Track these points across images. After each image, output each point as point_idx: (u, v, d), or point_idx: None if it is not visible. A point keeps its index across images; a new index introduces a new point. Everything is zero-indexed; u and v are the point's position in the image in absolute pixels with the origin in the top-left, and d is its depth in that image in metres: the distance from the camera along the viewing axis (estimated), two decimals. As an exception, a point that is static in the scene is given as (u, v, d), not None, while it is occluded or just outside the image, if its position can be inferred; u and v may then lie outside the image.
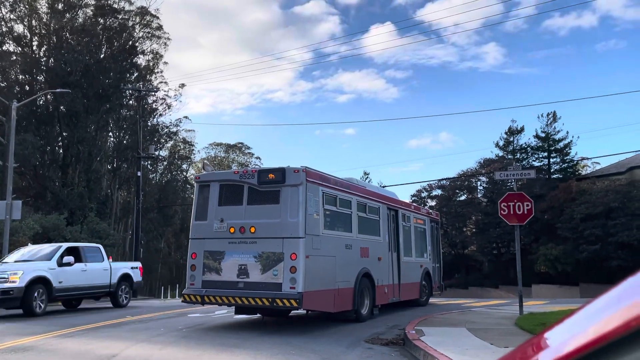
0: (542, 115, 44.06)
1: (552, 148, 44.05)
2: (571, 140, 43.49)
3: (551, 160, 44.56)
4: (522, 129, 45.58)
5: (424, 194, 45.51)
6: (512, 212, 13.16)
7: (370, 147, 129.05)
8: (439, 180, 44.85)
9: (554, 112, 43.80)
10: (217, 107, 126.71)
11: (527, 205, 13.09)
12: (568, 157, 44.27)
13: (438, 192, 43.75)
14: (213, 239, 11.09)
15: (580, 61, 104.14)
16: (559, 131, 43.74)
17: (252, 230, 10.71)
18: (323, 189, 11.28)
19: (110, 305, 17.08)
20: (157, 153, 45.11)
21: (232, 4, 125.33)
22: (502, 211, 13.27)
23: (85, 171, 34.43)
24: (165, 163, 59.57)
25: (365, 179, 56.78)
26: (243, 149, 73.61)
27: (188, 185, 68.34)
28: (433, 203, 43.48)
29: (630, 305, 0.70)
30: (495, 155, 45.37)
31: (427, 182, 45.81)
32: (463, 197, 42.59)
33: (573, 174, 43.94)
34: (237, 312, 12.57)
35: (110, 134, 43.30)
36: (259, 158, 74.75)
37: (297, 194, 10.49)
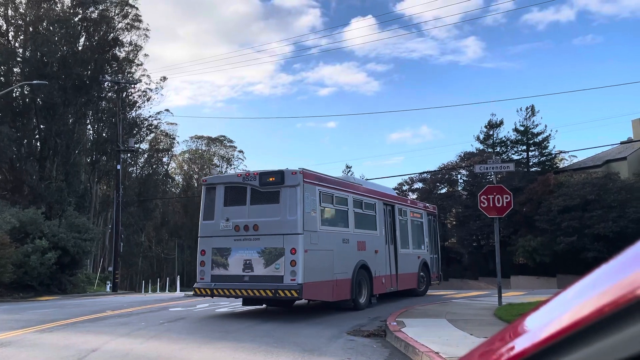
0: (521, 109, 44.73)
1: (531, 141, 44.69)
2: (549, 134, 44.23)
3: (530, 153, 45.22)
4: (501, 123, 46.18)
5: (406, 187, 45.83)
6: (491, 205, 13.32)
7: (351, 140, 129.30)
8: (420, 173, 45.23)
9: (533, 106, 44.48)
10: (198, 99, 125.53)
11: (507, 198, 13.26)
12: (546, 150, 44.98)
13: (419, 185, 44.10)
14: (220, 236, 12.05)
15: (558, 55, 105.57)
16: (537, 125, 44.44)
17: (255, 228, 11.62)
18: (320, 189, 12.13)
19: (93, 299, 16.89)
20: (137, 146, 44.55)
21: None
22: (481, 204, 13.43)
23: (63, 164, 33.86)
24: (145, 156, 58.88)
25: (348, 172, 57.03)
26: (225, 142, 73.10)
27: (169, 179, 67.74)
28: (414, 196, 43.81)
29: (603, 291, 0.72)
30: (476, 149, 45.88)
31: (409, 175, 46.18)
32: (444, 190, 43.04)
33: (551, 167, 44.67)
34: (244, 303, 13.33)
35: (89, 126, 42.63)
36: (242, 151, 74.45)
37: (295, 194, 11.38)
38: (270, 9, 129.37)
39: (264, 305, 13.86)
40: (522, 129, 44.66)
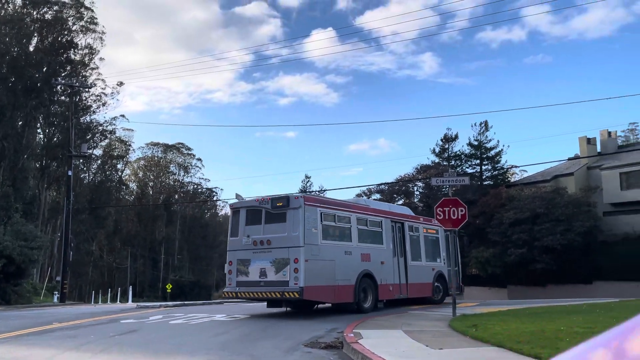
0: (475, 124, 46.05)
1: (484, 156, 46.04)
2: (502, 149, 45.66)
3: (483, 167, 46.57)
4: (456, 137, 47.41)
5: (364, 198, 46.33)
6: (447, 217, 13.65)
7: (311, 150, 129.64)
8: (378, 185, 45.77)
9: (486, 121, 45.88)
10: (154, 105, 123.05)
11: (461, 211, 13.63)
12: (499, 164, 46.43)
13: (377, 196, 44.58)
14: (243, 250, 14.80)
15: (510, 73, 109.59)
16: (490, 140, 45.84)
17: (268, 242, 14.31)
18: (321, 210, 14.62)
19: (39, 310, 16.14)
20: (90, 152, 43.17)
21: (170, 0, 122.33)
22: (438, 216, 13.73)
23: (10, 169, 32.39)
24: (99, 162, 57.12)
25: (307, 182, 57.38)
26: (183, 149, 71.84)
27: (123, 186, 65.86)
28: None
29: None
30: (432, 162, 46.87)
31: (367, 187, 46.66)
32: (401, 202, 43.67)
33: (503, 181, 46.10)
34: (268, 305, 15.97)
35: (40, 130, 41.02)
36: (200, 159, 73.35)
37: (297, 214, 13.96)
38: (230, 17, 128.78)
39: (285, 308, 16.45)
40: (476, 143, 45.98)
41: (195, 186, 74.33)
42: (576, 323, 9.86)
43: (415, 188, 45.44)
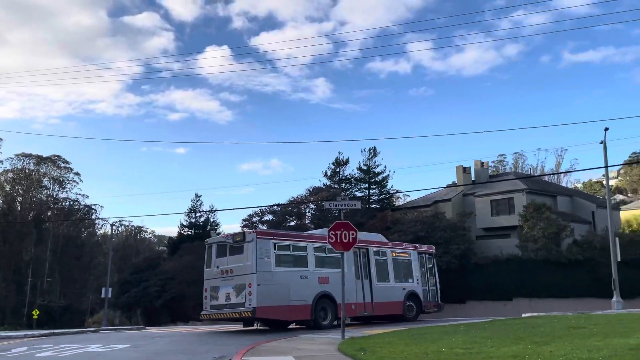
0: (364, 150, 48.07)
1: (373, 180, 48.06)
2: (388, 174, 48.02)
3: (371, 191, 48.53)
4: (347, 161, 49.02)
5: (256, 219, 45.87)
6: (339, 240, 13.93)
7: (202, 168, 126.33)
8: (271, 206, 45.69)
9: (375, 147, 48.09)
10: (27, 113, 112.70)
11: (352, 234, 14.01)
12: (385, 189, 48.67)
13: (270, 217, 44.43)
14: (214, 278, 17.79)
15: (397, 103, 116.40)
16: (378, 165, 48.04)
17: (231, 271, 17.18)
18: (274, 241, 17.35)
19: None
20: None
21: (51, 2, 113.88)
22: (330, 239, 13.95)
23: None
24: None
25: (197, 201, 55.69)
26: (59, 162, 66.24)
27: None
28: (264, 228, 44.03)
29: None
30: (323, 184, 47.87)
31: (259, 208, 46.36)
32: (293, 223, 43.88)
33: (389, 205, 48.33)
34: (244, 325, 18.91)
35: None
36: (78, 174, 68.10)
37: (251, 246, 16.72)
38: (119, 26, 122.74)
39: (258, 325, 19.13)
40: (365, 168, 47.87)
41: (71, 202, 68.70)
42: (456, 344, 10.41)
43: (308, 210, 46.00)
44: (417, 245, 23.76)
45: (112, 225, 54.15)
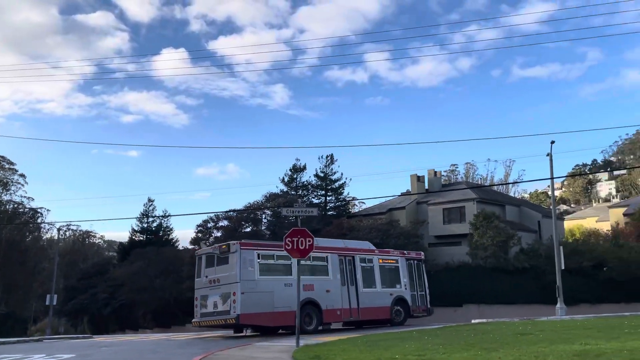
0: (322, 157, 48.29)
1: (329, 187, 48.31)
2: (345, 182, 48.39)
3: (328, 198, 48.73)
4: (304, 167, 49.05)
5: (211, 225, 45.16)
6: (295, 247, 13.89)
7: (155, 172, 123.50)
8: (226, 212, 45.11)
9: (332, 154, 48.40)
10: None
11: (309, 241, 14.01)
12: (341, 196, 49.00)
13: (225, 222, 43.83)
14: (203, 288, 18.77)
15: (354, 111, 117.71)
16: (335, 172, 48.34)
17: (218, 281, 18.16)
18: (258, 251, 18.31)
19: None
20: None
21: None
22: (286, 246, 13.90)
23: None
24: None
25: (150, 206, 54.33)
26: (3, 163, 63.16)
27: None
28: (219, 234, 43.38)
29: None
30: (280, 191, 47.69)
31: (214, 213, 45.65)
32: (248, 229, 43.44)
33: (345, 212, 48.67)
34: (235, 332, 19.65)
35: None
36: (24, 175, 65.02)
37: (235, 257, 17.72)
38: (71, 24, 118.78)
39: (247, 331, 19.75)
40: (322, 175, 48.07)
41: (15, 205, 65.51)
42: (409, 351, 10.57)
43: (264, 216, 45.71)
44: (405, 252, 24.45)
45: (59, 229, 52.18)
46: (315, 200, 47.69)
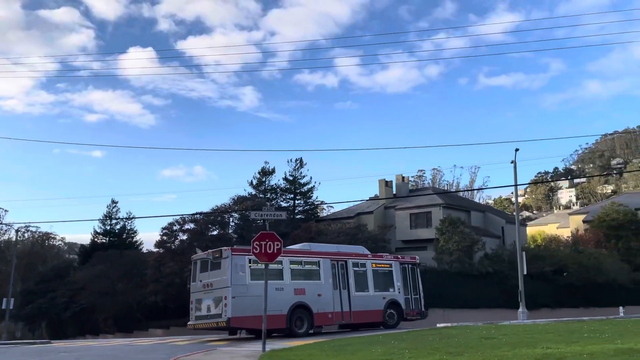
0: (291, 160, 48.18)
1: (298, 191, 48.20)
2: (314, 186, 48.37)
3: (296, 202, 48.62)
4: (273, 171, 48.79)
5: (176, 227, 44.34)
6: (263, 251, 13.81)
7: (120, 173, 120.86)
8: (192, 214, 44.39)
9: (301, 158, 48.34)
10: None
11: (277, 245, 13.94)
12: (310, 200, 48.97)
13: (191, 225, 43.10)
14: (198, 292, 19.50)
15: (323, 115, 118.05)
16: (304, 176, 48.27)
17: (211, 285, 18.79)
18: (249, 257, 17.49)
19: None
20: None
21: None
22: (254, 249, 13.79)
23: None
24: None
25: (113, 207, 53.09)
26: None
27: None
28: (185, 237, 42.65)
29: None
30: (249, 194, 47.24)
31: (180, 216, 44.88)
32: (215, 233, 42.85)
33: (313, 216, 48.66)
34: (229, 334, 19.96)
35: None
36: (-21, 173, 62.57)
37: (227, 262, 18.29)
38: (34, 20, 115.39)
39: (241, 333, 19.98)
40: (291, 178, 47.93)
41: (-30, 205, 62.93)
42: (376, 355, 10.59)
43: (232, 219, 45.21)
44: (399, 256, 24.72)
45: (17, 230, 50.26)
46: (284, 204, 47.51)
